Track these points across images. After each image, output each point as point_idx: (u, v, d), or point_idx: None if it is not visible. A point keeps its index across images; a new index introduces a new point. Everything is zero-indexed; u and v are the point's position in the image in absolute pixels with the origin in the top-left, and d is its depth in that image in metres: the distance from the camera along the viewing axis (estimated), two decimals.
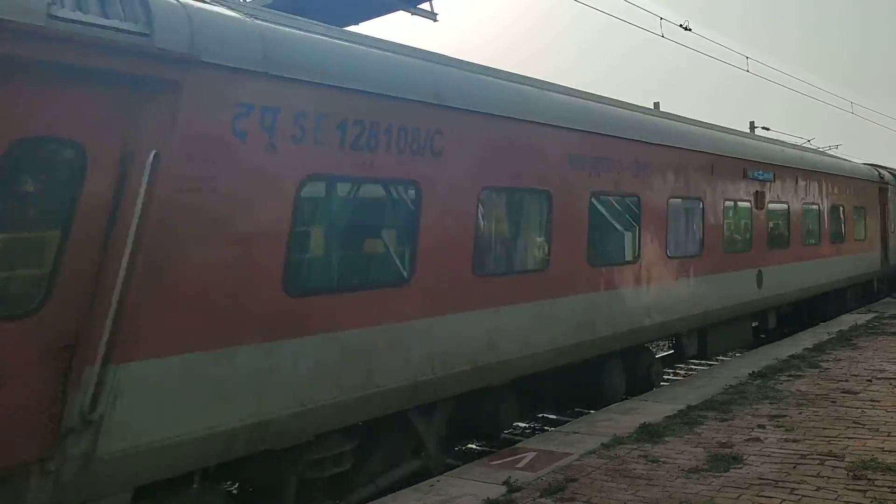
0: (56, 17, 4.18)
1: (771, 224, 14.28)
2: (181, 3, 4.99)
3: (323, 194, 6.05)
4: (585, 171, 8.96)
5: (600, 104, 9.92)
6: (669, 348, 14.40)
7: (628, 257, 10.03)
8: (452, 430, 7.58)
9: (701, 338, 12.11)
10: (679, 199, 11.10)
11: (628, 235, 10.07)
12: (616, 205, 9.78)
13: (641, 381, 10.41)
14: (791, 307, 15.75)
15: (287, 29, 5.85)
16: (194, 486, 5.12)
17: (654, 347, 13.70)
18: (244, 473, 5.71)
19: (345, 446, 6.12)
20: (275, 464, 5.65)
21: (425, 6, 11.23)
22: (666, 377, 13.79)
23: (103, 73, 4.49)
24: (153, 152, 4.64)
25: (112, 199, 4.59)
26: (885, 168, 23.08)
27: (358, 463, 6.38)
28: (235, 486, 6.22)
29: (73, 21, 4.27)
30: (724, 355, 13.73)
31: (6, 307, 4.26)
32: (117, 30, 4.47)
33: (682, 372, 14.30)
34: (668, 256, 10.72)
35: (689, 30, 15.24)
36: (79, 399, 4.39)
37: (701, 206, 11.68)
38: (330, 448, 5.99)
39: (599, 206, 9.32)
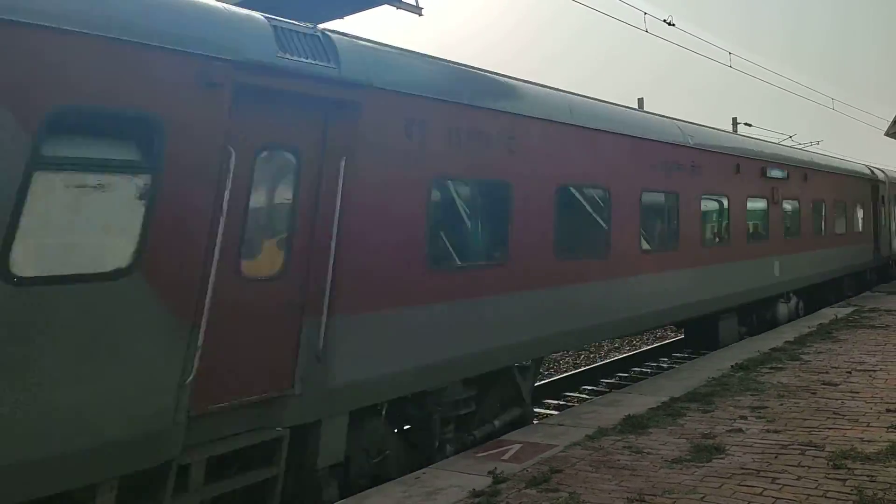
0: (280, 57, 5.56)
1: (786, 218, 15.96)
2: (359, 44, 6.50)
3: (443, 190, 7.45)
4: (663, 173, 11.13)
5: (669, 119, 12.12)
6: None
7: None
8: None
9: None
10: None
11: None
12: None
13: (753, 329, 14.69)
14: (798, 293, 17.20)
15: (426, 60, 7.46)
16: (383, 413, 6.97)
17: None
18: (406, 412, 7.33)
19: (468, 394, 7.70)
20: (423, 405, 7.27)
21: (410, 0, 11.21)
22: (648, 369, 14.05)
23: (308, 98, 5.83)
24: (343, 158, 5.96)
25: (316, 194, 5.93)
26: (876, 167, 24.37)
27: (477, 408, 7.96)
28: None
29: (290, 59, 5.63)
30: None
31: (267, 274, 5.65)
32: (317, 65, 5.86)
33: (664, 364, 14.47)
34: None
35: (673, 25, 15.31)
36: (312, 344, 5.81)
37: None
38: (459, 394, 7.56)
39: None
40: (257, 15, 5.68)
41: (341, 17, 11.74)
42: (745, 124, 29.39)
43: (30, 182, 4.21)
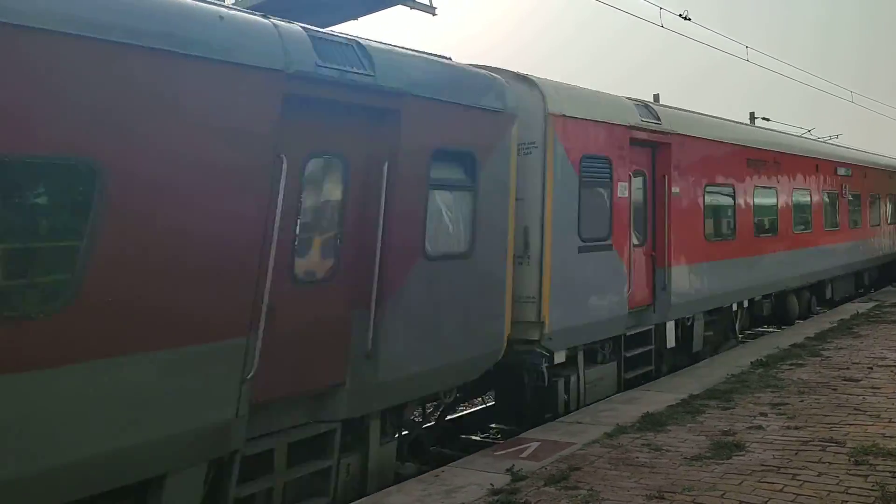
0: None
1: (850, 209, 18.68)
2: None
3: None
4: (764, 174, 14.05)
5: (768, 130, 16.81)
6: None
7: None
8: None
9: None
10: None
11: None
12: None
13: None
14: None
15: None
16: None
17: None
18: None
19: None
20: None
21: (423, 0, 11.24)
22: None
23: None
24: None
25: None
26: None
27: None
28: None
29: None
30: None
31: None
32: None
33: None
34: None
35: (689, 19, 15.22)
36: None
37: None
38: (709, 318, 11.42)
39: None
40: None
41: (355, 17, 11.82)
42: (763, 118, 29.10)
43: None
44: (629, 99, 10.14)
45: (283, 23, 5.77)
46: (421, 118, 6.63)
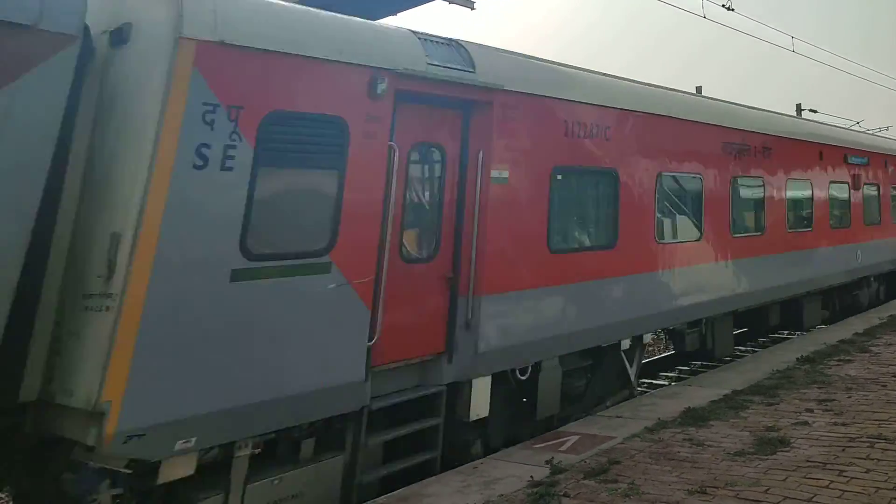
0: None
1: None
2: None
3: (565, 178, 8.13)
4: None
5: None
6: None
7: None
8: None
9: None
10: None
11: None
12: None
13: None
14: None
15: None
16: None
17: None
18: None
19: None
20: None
21: None
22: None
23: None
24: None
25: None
26: None
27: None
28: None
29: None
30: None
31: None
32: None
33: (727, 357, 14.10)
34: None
35: (732, 10, 14.94)
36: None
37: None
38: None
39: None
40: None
41: (394, 13, 11.86)
42: (811, 110, 28.45)
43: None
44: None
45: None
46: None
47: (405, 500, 5.74)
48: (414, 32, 6.65)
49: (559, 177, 7.86)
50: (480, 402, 6.92)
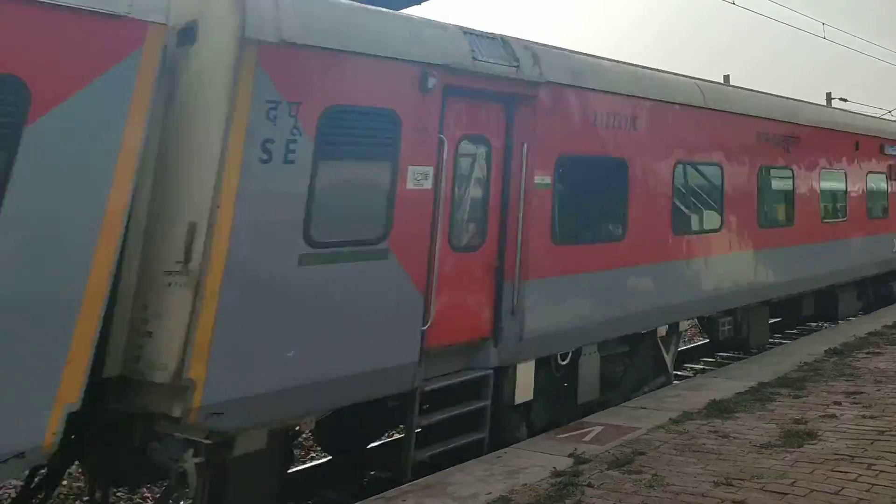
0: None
1: None
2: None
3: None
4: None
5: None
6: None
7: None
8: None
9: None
10: None
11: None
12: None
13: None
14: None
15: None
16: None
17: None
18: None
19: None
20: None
21: None
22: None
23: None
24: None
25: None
26: None
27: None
28: None
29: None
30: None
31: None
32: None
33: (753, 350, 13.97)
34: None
35: None
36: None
37: None
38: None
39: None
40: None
41: (419, 2, 11.82)
42: (841, 99, 27.94)
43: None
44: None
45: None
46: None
47: (429, 487, 5.77)
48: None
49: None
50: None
